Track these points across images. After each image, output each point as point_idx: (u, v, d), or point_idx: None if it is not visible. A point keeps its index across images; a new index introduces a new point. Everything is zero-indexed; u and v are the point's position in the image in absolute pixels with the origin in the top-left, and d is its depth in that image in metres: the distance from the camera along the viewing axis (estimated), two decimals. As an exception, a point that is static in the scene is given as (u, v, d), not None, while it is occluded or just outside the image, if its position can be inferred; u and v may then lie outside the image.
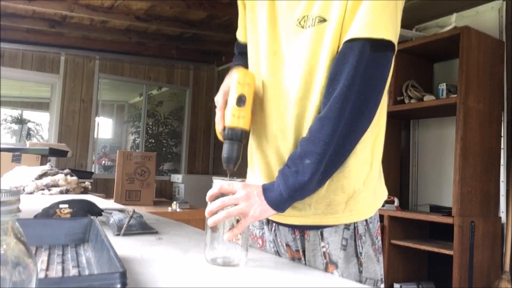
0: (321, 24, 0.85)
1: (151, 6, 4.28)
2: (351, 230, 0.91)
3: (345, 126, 0.80)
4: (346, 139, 0.81)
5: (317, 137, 0.80)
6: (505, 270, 2.51)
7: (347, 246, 0.91)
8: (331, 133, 0.79)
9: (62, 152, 3.82)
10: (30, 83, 5.65)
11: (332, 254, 0.90)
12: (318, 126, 0.81)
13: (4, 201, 0.37)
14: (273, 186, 0.83)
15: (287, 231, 0.99)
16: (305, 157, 0.81)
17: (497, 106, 2.64)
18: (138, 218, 1.14)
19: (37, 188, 2.14)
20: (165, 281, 0.69)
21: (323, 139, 0.79)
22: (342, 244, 0.91)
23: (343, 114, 0.79)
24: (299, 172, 0.80)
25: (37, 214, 1.14)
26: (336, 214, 0.90)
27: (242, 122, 0.89)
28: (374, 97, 0.82)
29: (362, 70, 0.79)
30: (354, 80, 0.79)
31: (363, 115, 0.81)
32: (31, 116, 6.97)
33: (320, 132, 0.80)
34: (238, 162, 0.90)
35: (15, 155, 3.25)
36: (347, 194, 0.89)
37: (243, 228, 0.82)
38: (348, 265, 0.90)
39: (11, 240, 0.37)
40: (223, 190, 0.83)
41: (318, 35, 0.85)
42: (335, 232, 0.91)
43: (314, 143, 0.80)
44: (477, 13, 2.89)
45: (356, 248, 0.91)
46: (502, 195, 2.64)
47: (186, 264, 0.82)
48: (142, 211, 1.57)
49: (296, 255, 0.97)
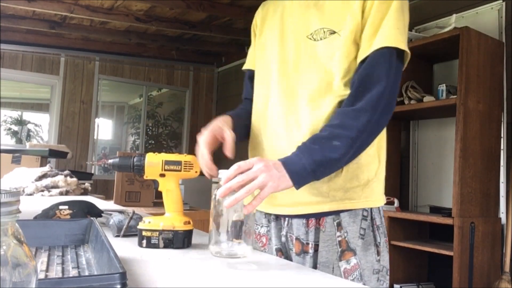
0: (331, 35, 0.98)
1: (151, 7, 4.28)
2: (369, 220, 0.98)
3: (376, 120, 0.91)
4: (374, 130, 0.93)
5: (351, 124, 0.89)
6: (505, 271, 2.51)
7: (365, 235, 0.97)
8: (365, 123, 0.89)
9: (62, 154, 3.81)
10: (30, 84, 5.65)
11: (350, 242, 0.96)
12: (353, 116, 0.90)
13: (4, 202, 0.37)
14: (293, 160, 0.87)
15: (300, 225, 1.01)
16: (333, 139, 0.88)
17: (497, 107, 2.64)
18: (138, 219, 1.14)
19: (37, 189, 2.14)
20: (165, 281, 0.69)
21: (358, 127, 0.89)
22: (360, 233, 0.97)
23: (378, 109, 0.91)
24: (326, 149, 0.87)
25: (37, 215, 1.14)
26: (353, 199, 0.97)
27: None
28: (395, 97, 0.96)
29: (393, 73, 0.93)
30: (389, 81, 0.92)
31: (389, 113, 0.94)
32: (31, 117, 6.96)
33: (356, 121, 0.89)
34: None
35: (15, 156, 3.25)
36: (362, 183, 0.98)
37: (262, 199, 0.82)
38: (366, 253, 0.96)
39: (11, 241, 0.37)
40: (242, 168, 0.83)
41: (331, 45, 0.98)
42: (353, 222, 0.97)
43: (347, 129, 0.89)
44: (476, 14, 2.90)
45: (375, 237, 0.98)
46: (502, 195, 2.64)
47: (186, 264, 0.82)
48: (142, 212, 1.57)
49: (305, 248, 1.00)
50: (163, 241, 0.93)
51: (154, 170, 0.94)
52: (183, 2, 4.11)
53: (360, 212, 0.98)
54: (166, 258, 0.85)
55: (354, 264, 0.96)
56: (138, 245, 0.94)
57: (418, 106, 2.75)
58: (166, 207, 0.97)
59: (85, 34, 5.01)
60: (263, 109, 1.09)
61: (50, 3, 4.10)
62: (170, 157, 0.95)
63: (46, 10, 4.17)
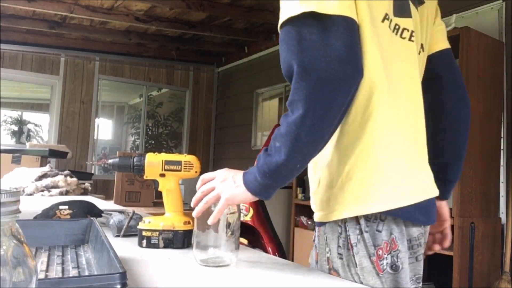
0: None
1: (151, 7, 4.28)
2: (343, 237, 0.83)
3: (306, 111, 0.74)
4: (311, 123, 0.74)
5: (282, 122, 0.78)
6: (505, 271, 2.51)
7: (343, 255, 0.83)
8: (296, 117, 0.74)
9: (62, 153, 3.82)
10: (30, 84, 5.65)
11: (333, 262, 0.85)
12: (286, 114, 0.81)
13: (4, 202, 0.37)
14: (250, 170, 0.82)
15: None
16: (275, 140, 0.78)
17: (497, 106, 2.64)
18: (138, 219, 1.14)
19: (37, 189, 2.14)
20: (165, 281, 0.69)
21: (288, 123, 0.75)
22: (338, 252, 0.84)
23: (303, 98, 0.75)
24: (271, 153, 0.77)
25: (37, 215, 1.14)
26: (323, 210, 0.86)
27: None
28: (329, 73, 0.77)
29: (306, 46, 0.75)
30: (302, 57, 0.74)
31: (328, 98, 0.77)
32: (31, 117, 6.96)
33: (285, 117, 0.77)
34: None
35: (15, 156, 3.25)
36: (337, 187, 0.84)
37: (219, 211, 0.80)
38: (346, 275, 0.83)
39: (11, 241, 0.37)
40: (205, 180, 0.85)
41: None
42: (332, 239, 0.85)
43: (281, 127, 0.78)
44: (477, 14, 2.90)
45: (354, 258, 0.82)
46: (502, 196, 2.64)
47: (186, 264, 0.82)
48: (142, 212, 1.57)
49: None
50: (163, 241, 0.93)
51: (154, 170, 0.94)
52: (183, 2, 4.11)
53: (337, 227, 0.84)
54: (166, 258, 0.85)
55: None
56: (138, 245, 0.94)
57: (418, 106, 2.75)
58: (166, 207, 0.97)
59: (85, 34, 5.01)
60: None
61: (50, 3, 4.10)
62: (170, 157, 0.95)
63: (46, 10, 4.18)
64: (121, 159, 0.97)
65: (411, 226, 0.83)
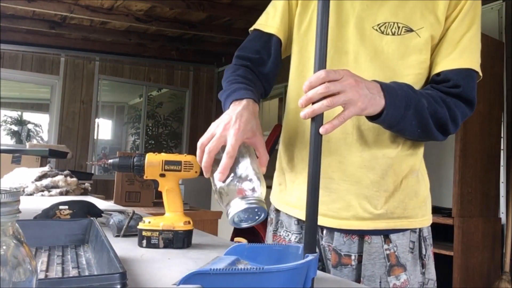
0: (407, 33, 0.88)
1: (151, 7, 4.28)
2: (417, 232, 0.92)
3: (454, 123, 0.87)
4: (445, 130, 0.87)
5: (441, 106, 0.85)
6: (505, 271, 2.51)
7: (414, 248, 0.91)
8: (453, 115, 0.86)
9: (62, 154, 3.81)
10: (30, 85, 5.65)
11: (400, 257, 0.89)
12: (452, 105, 0.86)
13: (4, 202, 0.37)
14: (390, 85, 0.79)
15: (339, 235, 0.91)
16: (427, 98, 0.83)
17: (497, 107, 2.64)
18: (138, 219, 1.14)
19: (37, 189, 2.14)
20: (165, 281, 0.69)
21: (442, 115, 0.84)
22: (410, 247, 0.90)
23: (459, 116, 0.88)
24: (420, 97, 0.82)
25: (37, 215, 1.14)
26: (411, 218, 0.91)
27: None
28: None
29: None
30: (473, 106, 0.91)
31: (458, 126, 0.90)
32: (31, 117, 6.96)
33: (451, 107, 0.86)
34: None
35: (15, 156, 3.25)
36: (420, 200, 0.92)
37: (345, 119, 0.71)
38: (415, 268, 0.90)
39: (11, 241, 0.37)
40: (330, 77, 0.70)
41: (404, 44, 0.87)
42: (402, 235, 0.90)
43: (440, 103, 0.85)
44: (476, 14, 2.90)
45: (420, 250, 0.91)
46: (502, 196, 2.64)
47: (186, 264, 0.82)
48: (142, 212, 1.57)
49: (345, 260, 0.91)
50: (163, 241, 0.93)
51: (154, 170, 0.94)
52: (183, 2, 4.12)
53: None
54: (166, 258, 0.85)
55: (404, 280, 0.88)
56: (138, 245, 0.94)
57: (418, 106, 2.75)
58: (166, 207, 0.97)
59: (85, 34, 5.01)
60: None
61: (50, 3, 4.10)
62: (170, 157, 0.95)
63: (46, 10, 4.18)
64: (121, 159, 0.97)
65: None
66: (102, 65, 5.62)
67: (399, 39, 0.87)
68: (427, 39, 0.87)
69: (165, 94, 6.43)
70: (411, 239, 0.90)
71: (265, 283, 0.50)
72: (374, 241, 0.89)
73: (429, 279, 0.92)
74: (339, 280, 0.79)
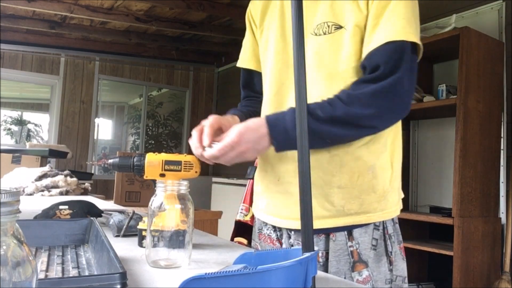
0: (337, 31, 0.90)
1: (151, 7, 4.28)
2: (381, 230, 0.94)
3: (386, 108, 0.86)
4: (368, 123, 0.87)
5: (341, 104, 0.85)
6: (505, 271, 2.51)
7: (377, 245, 0.93)
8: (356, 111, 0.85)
9: (62, 153, 3.81)
10: (30, 84, 5.65)
11: (362, 254, 0.92)
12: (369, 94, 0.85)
13: (4, 202, 0.37)
14: (280, 116, 0.85)
15: None
16: (317, 109, 0.85)
17: (497, 106, 2.64)
18: (138, 219, 1.14)
19: (37, 189, 2.14)
20: (165, 281, 0.69)
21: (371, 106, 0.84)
22: (372, 244, 0.93)
23: (389, 98, 0.85)
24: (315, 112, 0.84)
25: (37, 215, 1.14)
26: (369, 213, 0.93)
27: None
28: (412, 91, 0.90)
29: (409, 66, 0.86)
30: (405, 73, 0.86)
31: (400, 105, 0.88)
32: (31, 117, 6.96)
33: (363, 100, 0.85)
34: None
35: (15, 156, 3.25)
36: (378, 194, 0.94)
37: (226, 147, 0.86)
38: (378, 264, 0.92)
39: (11, 241, 0.37)
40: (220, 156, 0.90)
41: (335, 41, 0.90)
42: (365, 232, 0.93)
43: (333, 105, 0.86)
44: (476, 14, 2.90)
45: (386, 247, 0.94)
46: (502, 195, 2.64)
47: (186, 264, 0.82)
48: (142, 212, 1.57)
49: None
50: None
51: (154, 170, 0.94)
52: (183, 2, 4.11)
53: (372, 223, 0.94)
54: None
55: (366, 276, 0.92)
56: (138, 245, 0.94)
57: (418, 106, 2.75)
58: None
59: (85, 34, 5.01)
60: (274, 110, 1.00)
61: (50, 3, 4.10)
62: (170, 157, 0.95)
63: (46, 10, 4.18)
64: (121, 159, 0.97)
65: None
66: (102, 65, 5.62)
67: (330, 37, 0.90)
68: (352, 29, 0.88)
69: (165, 94, 6.43)
70: (374, 236, 0.93)
71: (265, 283, 0.50)
72: (338, 239, 0.93)
73: (397, 276, 0.95)
74: (339, 280, 0.79)
